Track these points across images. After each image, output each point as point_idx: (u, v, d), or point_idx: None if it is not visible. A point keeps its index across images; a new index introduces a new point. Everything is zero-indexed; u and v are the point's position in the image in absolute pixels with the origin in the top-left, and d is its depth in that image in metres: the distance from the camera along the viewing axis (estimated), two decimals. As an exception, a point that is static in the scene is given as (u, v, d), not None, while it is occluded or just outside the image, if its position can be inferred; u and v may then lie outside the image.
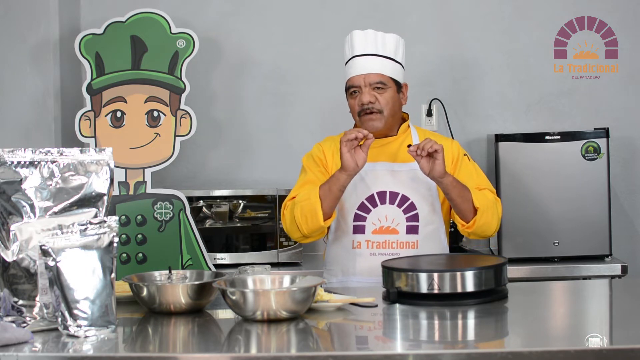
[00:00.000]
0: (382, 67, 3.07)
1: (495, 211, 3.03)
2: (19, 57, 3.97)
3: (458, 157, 3.12)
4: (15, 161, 2.34)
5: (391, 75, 3.08)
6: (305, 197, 3.01)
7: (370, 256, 3.02)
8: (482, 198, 3.01)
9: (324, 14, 4.28)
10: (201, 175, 4.27)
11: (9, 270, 2.30)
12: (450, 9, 4.28)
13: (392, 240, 3.03)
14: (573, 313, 2.61)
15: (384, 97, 3.06)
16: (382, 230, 3.03)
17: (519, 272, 3.71)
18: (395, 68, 3.10)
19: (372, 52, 3.08)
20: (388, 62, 3.08)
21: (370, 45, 3.08)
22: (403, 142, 3.12)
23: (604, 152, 3.84)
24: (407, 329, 2.34)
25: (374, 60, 3.07)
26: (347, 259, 3.08)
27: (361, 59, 3.08)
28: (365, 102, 3.04)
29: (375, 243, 3.04)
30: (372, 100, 3.04)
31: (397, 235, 3.03)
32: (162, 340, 2.32)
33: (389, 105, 3.07)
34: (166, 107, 3.80)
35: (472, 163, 3.15)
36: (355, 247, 3.05)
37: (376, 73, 3.05)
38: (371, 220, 3.04)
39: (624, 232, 4.20)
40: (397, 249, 3.02)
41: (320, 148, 3.18)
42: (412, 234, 3.03)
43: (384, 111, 3.06)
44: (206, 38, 4.08)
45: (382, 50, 3.08)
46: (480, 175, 3.13)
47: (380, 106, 3.05)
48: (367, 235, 3.05)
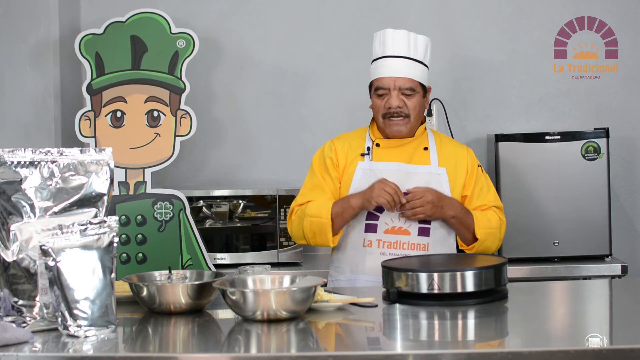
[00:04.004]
0: (413, 71, 3.05)
1: (496, 237, 3.07)
2: (19, 57, 3.97)
3: (473, 168, 3.13)
4: (15, 161, 2.34)
5: (420, 80, 3.07)
6: (317, 212, 3.02)
7: (380, 255, 3.01)
8: (484, 226, 3.03)
9: (324, 14, 4.28)
10: (201, 175, 4.27)
11: (9, 270, 2.30)
12: (450, 9, 4.28)
13: (403, 241, 3.02)
14: (573, 313, 2.61)
15: (412, 102, 3.05)
16: (394, 230, 3.03)
17: (519, 272, 3.71)
18: (424, 72, 3.09)
19: (404, 54, 3.06)
20: (418, 65, 3.07)
21: (403, 47, 3.06)
22: (419, 144, 3.13)
23: (604, 152, 3.83)
24: (407, 329, 2.34)
25: (405, 64, 3.05)
26: (357, 257, 3.07)
27: (392, 60, 3.06)
28: (394, 106, 3.04)
29: (386, 243, 3.03)
30: (400, 105, 3.04)
31: (409, 236, 3.02)
32: (162, 340, 2.32)
33: (416, 110, 3.07)
34: (166, 107, 3.81)
35: (485, 176, 3.16)
36: (366, 246, 3.05)
37: (407, 78, 3.04)
38: (384, 220, 3.04)
39: (624, 232, 4.20)
40: (407, 250, 3.01)
41: (332, 147, 3.16)
42: (423, 236, 3.03)
43: (411, 116, 3.06)
44: (206, 38, 4.08)
45: (413, 52, 3.06)
46: (491, 189, 3.15)
47: (408, 111, 3.05)
48: (379, 234, 3.04)
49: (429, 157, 3.11)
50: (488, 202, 3.10)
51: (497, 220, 3.08)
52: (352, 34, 4.23)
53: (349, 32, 4.23)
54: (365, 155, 3.11)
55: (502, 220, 3.11)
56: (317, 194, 3.10)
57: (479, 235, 3.02)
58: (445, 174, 3.08)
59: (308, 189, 3.13)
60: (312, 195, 3.10)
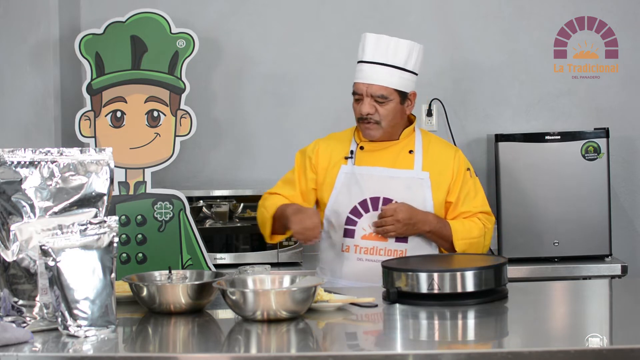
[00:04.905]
0: (388, 78, 3.02)
1: (479, 245, 3.06)
2: (19, 57, 3.97)
3: (459, 172, 3.09)
4: (15, 161, 2.34)
5: (396, 87, 3.02)
6: (268, 206, 3.09)
7: (357, 261, 3.02)
8: (462, 237, 3.01)
9: (324, 14, 4.28)
10: (201, 175, 4.27)
11: (9, 270, 2.30)
12: (450, 9, 4.28)
13: (380, 247, 3.01)
14: (573, 313, 2.61)
15: (385, 109, 3.02)
16: (372, 236, 3.02)
17: (519, 272, 3.71)
18: (403, 77, 3.04)
19: (380, 60, 3.03)
20: (396, 72, 3.03)
21: (381, 53, 3.03)
22: (405, 146, 3.10)
23: (604, 152, 3.83)
24: (407, 329, 2.34)
25: (380, 71, 3.02)
26: (335, 260, 3.07)
27: (368, 66, 3.04)
28: (364, 113, 3.02)
29: (363, 249, 3.02)
30: (371, 111, 3.02)
31: (386, 242, 3.01)
32: (162, 340, 2.32)
33: (389, 117, 3.03)
34: (166, 107, 3.81)
35: (473, 179, 3.12)
36: (344, 251, 3.05)
37: (379, 85, 3.01)
38: (361, 226, 3.03)
39: (624, 232, 4.20)
40: (384, 256, 2.99)
41: (315, 148, 3.16)
42: (401, 242, 3.01)
43: (382, 123, 3.03)
44: (206, 38, 4.08)
45: (392, 59, 3.02)
46: (478, 194, 3.11)
47: (379, 118, 3.02)
48: (357, 240, 3.03)
49: (413, 160, 3.08)
50: (474, 209, 3.07)
51: (480, 228, 3.05)
52: (352, 34, 4.19)
53: (349, 32, 4.22)
54: (349, 159, 3.10)
55: (486, 228, 3.07)
56: (287, 189, 3.14)
57: (457, 247, 3.01)
58: (428, 178, 3.05)
59: (282, 182, 3.19)
60: (283, 188, 3.16)
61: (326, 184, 3.10)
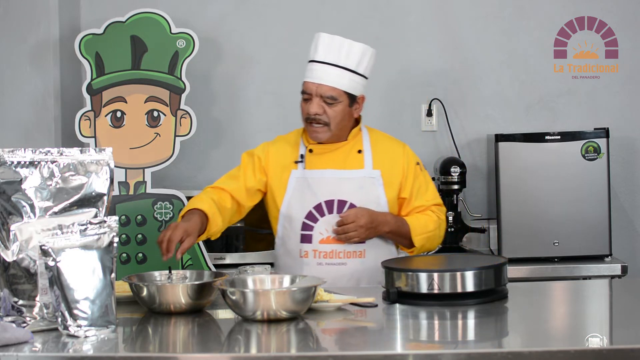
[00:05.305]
0: (339, 79, 2.99)
1: (435, 237, 3.07)
2: (19, 57, 3.97)
3: (409, 167, 3.08)
4: (15, 161, 2.34)
5: (346, 89, 2.99)
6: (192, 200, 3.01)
7: (317, 266, 3.00)
8: (420, 232, 3.02)
9: (324, 14, 4.28)
10: (201, 175, 4.27)
11: (9, 270, 2.30)
12: (450, 9, 4.28)
13: (339, 250, 3.00)
14: (573, 313, 2.61)
15: (333, 111, 2.99)
16: (330, 240, 3.00)
17: (519, 272, 3.71)
18: (354, 80, 3.01)
19: (332, 61, 2.99)
20: (347, 74, 2.99)
21: (333, 54, 3.00)
22: (353, 146, 3.08)
23: (604, 152, 3.83)
24: (407, 329, 2.34)
25: (331, 71, 2.99)
26: (294, 267, 3.04)
27: (319, 66, 3.00)
28: (312, 113, 2.99)
29: (322, 253, 3.00)
30: (319, 112, 2.99)
31: (344, 245, 2.99)
32: (162, 340, 2.32)
33: (337, 119, 3.00)
34: (166, 107, 3.81)
35: (423, 173, 3.12)
36: (303, 256, 3.02)
37: (329, 86, 2.98)
38: (318, 230, 3.01)
39: (624, 232, 4.20)
40: (344, 258, 2.99)
41: (265, 150, 3.12)
42: (358, 243, 3.00)
43: (330, 124, 3.00)
44: (206, 38, 4.08)
45: (344, 61, 2.99)
46: (429, 187, 3.11)
47: (327, 119, 2.99)
48: (315, 244, 3.01)
49: (363, 160, 3.07)
50: (426, 202, 3.07)
51: (435, 221, 3.06)
52: (352, 34, 4.20)
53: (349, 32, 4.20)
54: (299, 163, 3.08)
55: (440, 219, 3.08)
56: (231, 183, 3.08)
57: (416, 242, 3.02)
58: (380, 176, 3.04)
59: (227, 177, 3.12)
60: (226, 182, 3.09)
61: (278, 189, 3.07)
